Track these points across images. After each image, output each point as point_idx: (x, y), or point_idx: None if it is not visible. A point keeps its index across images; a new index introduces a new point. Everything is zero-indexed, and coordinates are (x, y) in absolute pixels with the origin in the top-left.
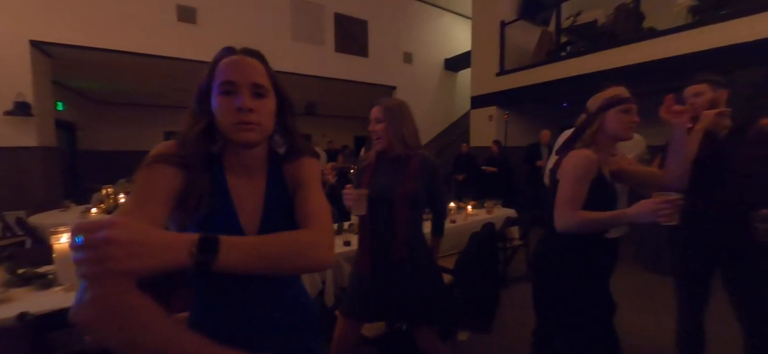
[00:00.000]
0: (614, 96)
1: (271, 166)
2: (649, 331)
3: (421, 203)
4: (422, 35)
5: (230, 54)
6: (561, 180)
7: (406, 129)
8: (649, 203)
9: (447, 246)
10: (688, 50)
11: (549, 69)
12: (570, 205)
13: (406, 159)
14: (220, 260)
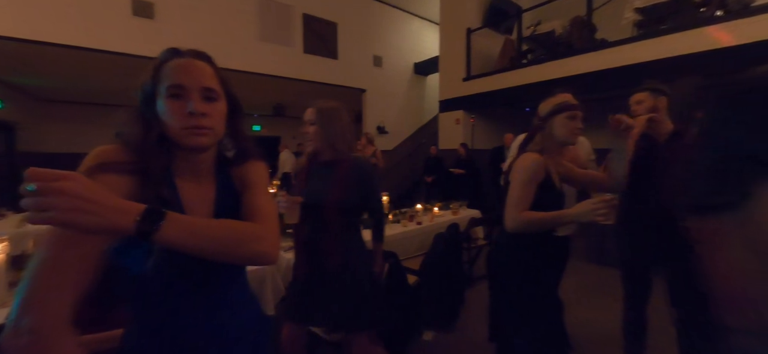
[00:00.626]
0: (562, 102)
1: (220, 171)
2: (598, 320)
3: (354, 209)
4: (392, 39)
5: (177, 56)
6: (511, 182)
7: (337, 133)
8: (588, 203)
9: (413, 248)
10: (634, 61)
11: (512, 75)
12: (517, 206)
13: (337, 164)
14: (163, 232)
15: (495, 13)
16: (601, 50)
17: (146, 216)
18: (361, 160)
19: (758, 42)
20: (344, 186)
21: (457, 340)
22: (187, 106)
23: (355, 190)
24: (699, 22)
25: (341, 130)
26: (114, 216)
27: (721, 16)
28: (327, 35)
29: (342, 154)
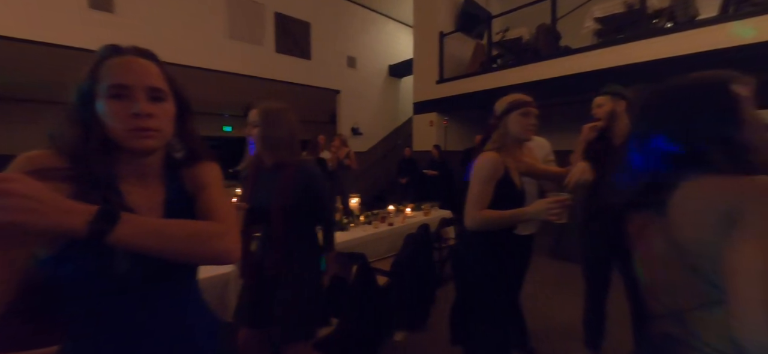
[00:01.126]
0: (515, 100)
1: (169, 173)
2: (560, 314)
3: (300, 215)
4: (366, 41)
5: (117, 54)
6: (471, 181)
7: (280, 136)
8: (543, 203)
9: (384, 249)
10: (595, 67)
11: (482, 79)
12: (476, 204)
13: (282, 168)
14: (118, 232)
15: (467, 18)
16: (565, 57)
17: (99, 216)
18: (307, 164)
19: (702, 52)
20: (289, 191)
21: (429, 339)
22: (131, 107)
23: (300, 196)
24: (652, 32)
25: (286, 134)
26: (64, 217)
27: (671, 27)
28: (300, 35)
29: (286, 158)
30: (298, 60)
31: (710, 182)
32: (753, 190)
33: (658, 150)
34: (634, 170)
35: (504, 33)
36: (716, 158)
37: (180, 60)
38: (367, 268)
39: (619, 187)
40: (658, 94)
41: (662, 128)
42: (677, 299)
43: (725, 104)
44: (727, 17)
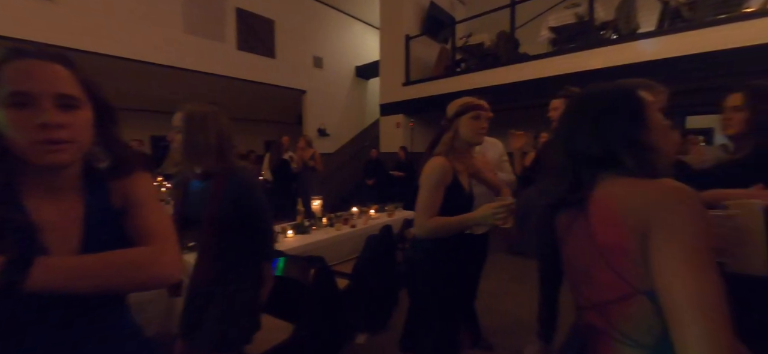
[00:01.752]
0: (466, 104)
1: (90, 185)
2: (517, 309)
3: (233, 227)
4: (333, 41)
5: (19, 57)
6: (420, 187)
7: (205, 143)
8: (489, 207)
9: (346, 251)
10: (551, 73)
11: (447, 82)
12: (425, 212)
13: (211, 177)
14: (34, 281)
15: (432, 22)
16: (523, 63)
17: (8, 268)
18: (240, 172)
19: (642, 62)
20: (219, 202)
21: (390, 340)
22: (37, 117)
23: (232, 207)
24: (600, 42)
25: (214, 139)
26: None
27: (616, 38)
28: (263, 33)
29: (215, 166)
30: (261, 58)
31: (623, 184)
32: (660, 193)
33: (577, 151)
34: (559, 171)
35: (467, 38)
36: (627, 160)
37: (131, 54)
38: (326, 272)
39: (547, 186)
40: (577, 100)
41: (580, 131)
42: (598, 292)
43: (633, 108)
44: (662, 31)
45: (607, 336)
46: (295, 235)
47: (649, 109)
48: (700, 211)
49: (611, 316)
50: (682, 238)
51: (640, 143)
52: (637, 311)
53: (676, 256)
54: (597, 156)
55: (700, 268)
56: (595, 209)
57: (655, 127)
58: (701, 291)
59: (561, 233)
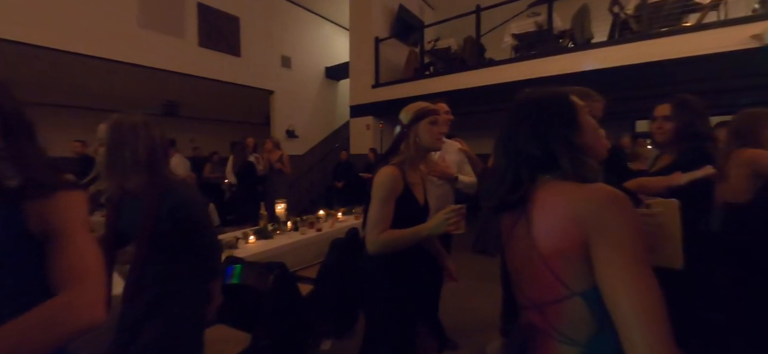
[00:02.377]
0: (423, 109)
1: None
2: (483, 307)
3: (172, 245)
4: (302, 41)
5: None
6: (371, 200)
7: (134, 155)
8: (441, 215)
9: (311, 255)
10: (514, 78)
11: (416, 85)
12: (376, 226)
13: (145, 192)
14: None
15: (401, 26)
16: (488, 68)
17: None
18: (176, 187)
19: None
20: (152, 221)
21: (356, 345)
22: None
23: (168, 225)
24: (558, 50)
25: (143, 153)
26: None
27: (572, 47)
28: (227, 30)
29: (144, 182)
30: (225, 56)
31: (562, 188)
32: (598, 201)
33: (518, 152)
34: (500, 172)
35: (435, 42)
36: (563, 161)
37: (80, 49)
38: (286, 277)
39: (492, 188)
40: (517, 105)
41: (520, 132)
42: (538, 293)
43: (566, 111)
44: (613, 41)
45: (546, 334)
46: (257, 240)
47: (580, 112)
48: (634, 216)
49: (550, 316)
50: (621, 246)
51: (574, 144)
52: (573, 312)
53: (617, 263)
54: (536, 156)
55: (640, 275)
56: (536, 213)
57: (586, 129)
58: (642, 296)
59: (504, 234)
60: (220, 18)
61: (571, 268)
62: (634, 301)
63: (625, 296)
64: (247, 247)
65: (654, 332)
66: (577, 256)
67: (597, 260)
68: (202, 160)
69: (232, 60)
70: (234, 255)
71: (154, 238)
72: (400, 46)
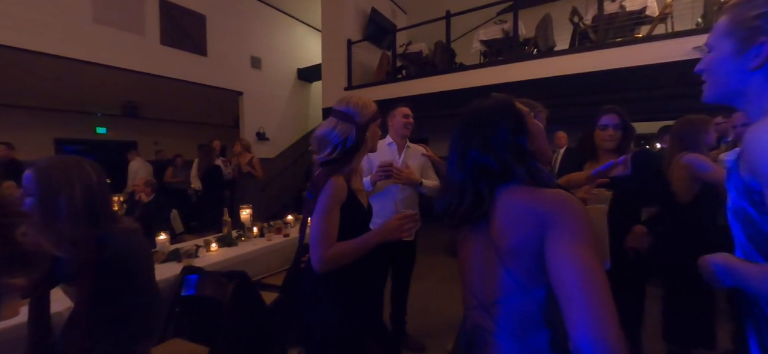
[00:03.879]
0: (376, 112)
1: None
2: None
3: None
4: (273, 42)
5: None
6: (313, 213)
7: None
8: (393, 221)
9: (278, 262)
10: (483, 83)
11: (388, 88)
12: (322, 243)
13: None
14: None
15: (374, 29)
16: (459, 72)
17: None
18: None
19: (559, 76)
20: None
21: None
22: None
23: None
24: (523, 57)
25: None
26: None
27: (537, 54)
28: (192, 28)
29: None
30: (191, 56)
31: (521, 192)
32: (554, 201)
33: (474, 167)
34: (458, 190)
35: (407, 46)
36: (519, 170)
37: (29, 45)
38: (247, 287)
39: (450, 205)
40: (464, 118)
41: (472, 146)
42: (488, 292)
43: (514, 119)
44: (574, 50)
45: (491, 333)
46: (220, 248)
47: (528, 118)
48: (584, 213)
49: (497, 315)
50: (570, 233)
51: (526, 150)
52: (521, 310)
53: (566, 246)
54: (492, 168)
55: (585, 254)
56: (496, 216)
57: (535, 134)
58: (586, 270)
59: (459, 238)
60: (184, 15)
61: (525, 267)
62: (578, 274)
63: (570, 270)
64: (208, 255)
65: (597, 308)
66: (532, 255)
67: (549, 246)
68: (166, 164)
69: (197, 59)
70: (192, 265)
71: (93, 294)
72: (372, 49)
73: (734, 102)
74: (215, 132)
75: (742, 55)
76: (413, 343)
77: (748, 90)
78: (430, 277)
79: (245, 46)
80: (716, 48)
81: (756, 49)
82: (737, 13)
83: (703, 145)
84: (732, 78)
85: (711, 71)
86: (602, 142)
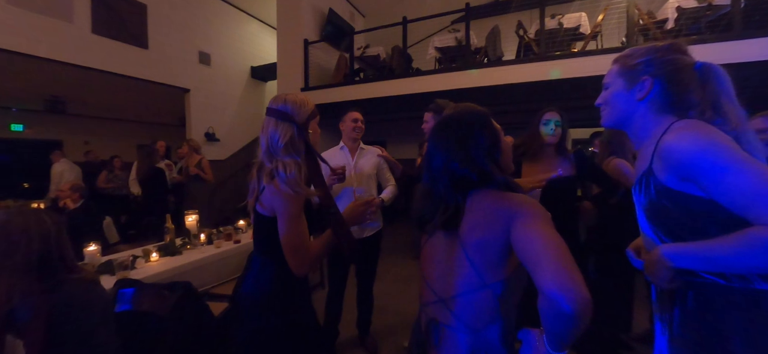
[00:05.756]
0: (314, 109)
1: None
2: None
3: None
4: (224, 37)
5: None
6: (279, 219)
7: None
8: (358, 207)
9: (228, 270)
10: (438, 88)
11: (346, 90)
12: (303, 248)
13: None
14: None
15: (331, 30)
16: (415, 77)
17: None
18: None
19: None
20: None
21: None
22: None
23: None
24: (475, 65)
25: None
26: None
27: (487, 63)
28: (130, 17)
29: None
30: (128, 48)
31: (492, 196)
32: (519, 202)
33: (455, 176)
34: (437, 198)
35: (365, 49)
36: (497, 180)
37: None
38: (191, 298)
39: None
40: (443, 127)
41: (453, 156)
42: (448, 287)
43: (494, 136)
44: (519, 60)
45: (446, 325)
46: (161, 258)
47: (501, 134)
48: (545, 211)
49: (456, 308)
50: (533, 217)
51: (499, 163)
52: (480, 302)
53: (530, 225)
54: (472, 179)
55: (546, 228)
56: (469, 218)
57: (505, 150)
58: (548, 237)
59: (422, 240)
60: (120, 3)
61: (490, 261)
62: (542, 243)
63: (535, 241)
64: (147, 266)
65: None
66: (498, 248)
67: (515, 233)
68: (98, 166)
69: (136, 52)
70: (128, 277)
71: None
72: (330, 50)
73: (625, 126)
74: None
75: (631, 90)
76: (370, 344)
77: (635, 115)
78: (385, 278)
79: (192, 40)
80: (612, 85)
81: (640, 85)
82: (624, 61)
83: (628, 151)
84: (624, 107)
85: (608, 103)
86: (545, 136)
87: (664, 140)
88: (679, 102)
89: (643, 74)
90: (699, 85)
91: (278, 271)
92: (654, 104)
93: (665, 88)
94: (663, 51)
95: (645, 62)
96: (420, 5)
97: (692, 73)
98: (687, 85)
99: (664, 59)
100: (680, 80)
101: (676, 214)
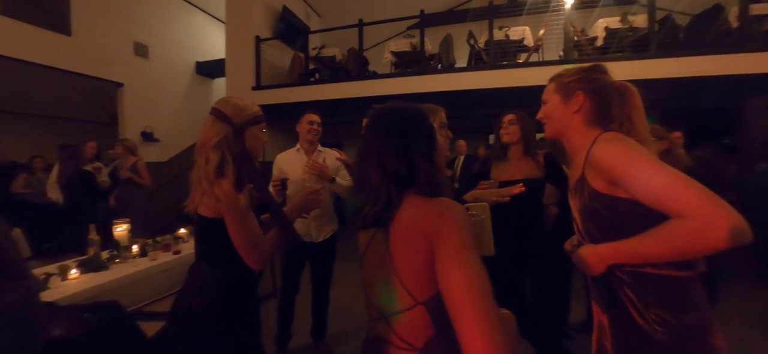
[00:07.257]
0: (257, 115)
1: None
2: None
3: None
4: (164, 28)
5: None
6: (227, 217)
7: None
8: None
9: (167, 285)
10: (394, 92)
11: (300, 90)
12: (257, 239)
13: None
14: None
15: (285, 27)
16: (372, 80)
17: None
18: None
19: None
20: None
21: None
22: None
23: None
24: (430, 70)
25: None
26: None
27: (441, 69)
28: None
29: None
30: (47, 33)
31: (416, 203)
32: (440, 212)
33: (388, 170)
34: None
35: (320, 49)
36: (422, 178)
37: None
38: (117, 319)
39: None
40: (381, 119)
41: (390, 149)
42: (387, 304)
43: (429, 132)
44: (471, 68)
45: (389, 344)
46: (83, 274)
47: (437, 132)
48: (465, 220)
49: (395, 326)
50: (455, 244)
51: (433, 162)
52: (415, 320)
53: (452, 256)
54: (401, 174)
55: (469, 263)
56: (393, 228)
57: (439, 149)
58: (471, 279)
59: (361, 247)
60: None
61: (418, 279)
62: (464, 283)
63: (457, 279)
64: (64, 285)
65: (481, 305)
66: (424, 266)
67: (438, 258)
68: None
69: (57, 39)
70: None
71: None
72: (284, 49)
73: (563, 136)
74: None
75: (567, 103)
76: (324, 349)
77: (571, 125)
78: (340, 282)
79: (127, 29)
80: (550, 101)
81: (574, 99)
82: (560, 79)
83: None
84: (562, 118)
85: (548, 116)
86: (504, 135)
87: (594, 151)
88: (603, 116)
89: (576, 90)
90: (619, 101)
91: (224, 279)
92: (585, 117)
93: (593, 103)
94: (589, 71)
95: (576, 80)
96: (376, 9)
97: (613, 90)
98: (610, 101)
99: (590, 78)
100: (604, 96)
101: (606, 214)
